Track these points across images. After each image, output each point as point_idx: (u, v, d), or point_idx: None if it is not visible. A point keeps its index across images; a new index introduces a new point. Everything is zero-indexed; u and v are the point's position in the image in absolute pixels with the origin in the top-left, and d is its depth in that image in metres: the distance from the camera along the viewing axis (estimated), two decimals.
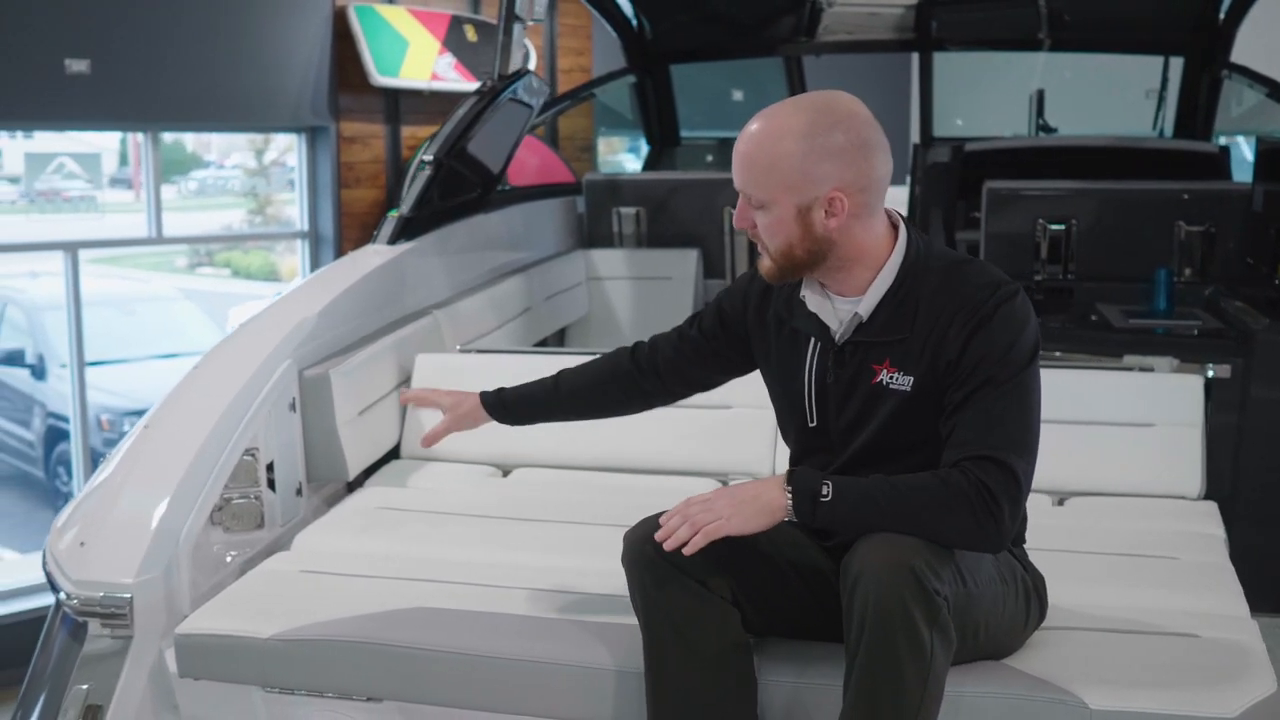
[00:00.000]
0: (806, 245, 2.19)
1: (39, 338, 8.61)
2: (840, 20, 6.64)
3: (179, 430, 2.91)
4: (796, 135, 2.14)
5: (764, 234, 2.23)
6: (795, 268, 2.24)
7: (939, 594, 2.03)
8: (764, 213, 2.20)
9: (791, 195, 2.16)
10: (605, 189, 5.93)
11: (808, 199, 2.16)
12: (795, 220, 2.17)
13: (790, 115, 2.17)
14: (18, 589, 6.95)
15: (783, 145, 2.15)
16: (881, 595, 2.00)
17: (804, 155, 2.14)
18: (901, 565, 2.00)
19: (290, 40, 7.32)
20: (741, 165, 2.20)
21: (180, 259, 10.23)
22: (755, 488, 2.16)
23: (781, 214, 2.18)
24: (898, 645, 1.99)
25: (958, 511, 2.08)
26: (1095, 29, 6.45)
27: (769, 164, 2.16)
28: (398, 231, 4.08)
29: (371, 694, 2.48)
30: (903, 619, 1.99)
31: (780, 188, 2.16)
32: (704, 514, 2.13)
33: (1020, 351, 2.17)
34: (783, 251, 2.22)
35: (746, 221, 2.24)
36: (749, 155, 2.19)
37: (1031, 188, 5.25)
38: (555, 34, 9.02)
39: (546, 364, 3.76)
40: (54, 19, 6.35)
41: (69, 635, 2.68)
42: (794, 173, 2.15)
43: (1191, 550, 2.88)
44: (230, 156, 9.16)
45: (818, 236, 2.18)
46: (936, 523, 2.08)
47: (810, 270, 2.25)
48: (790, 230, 2.19)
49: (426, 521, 3.15)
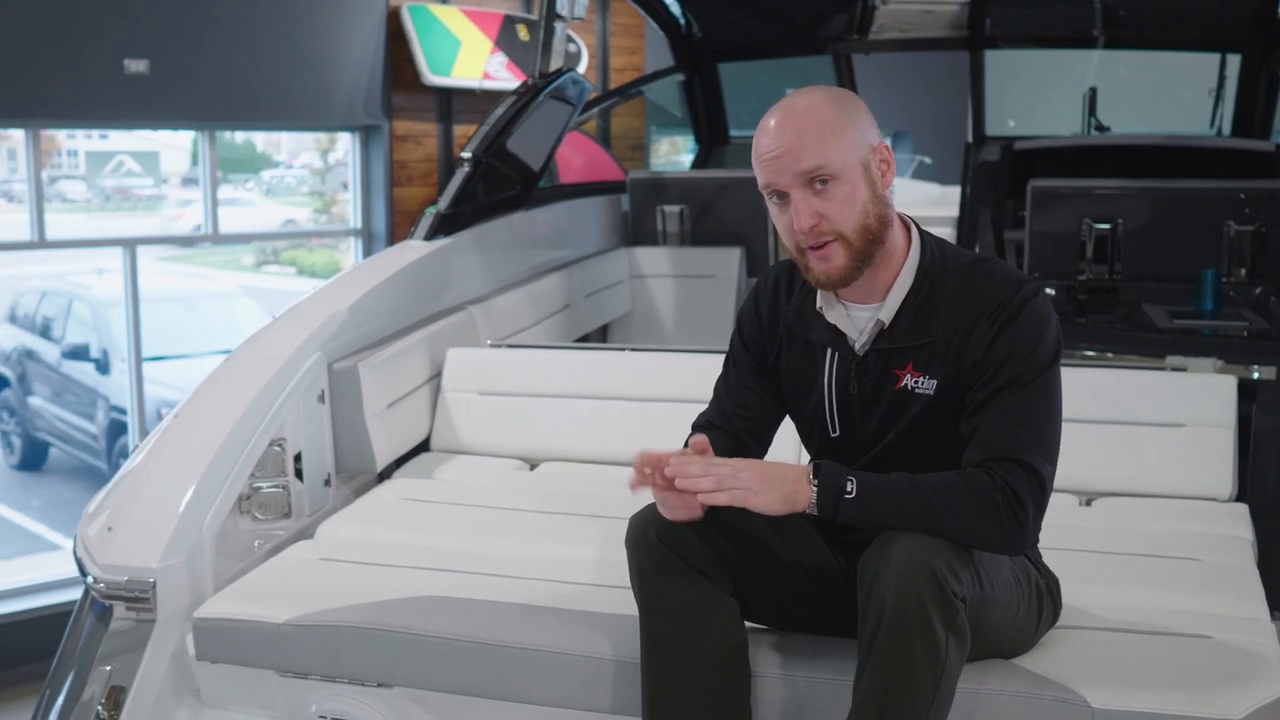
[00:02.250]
0: (876, 210, 2.16)
1: (103, 333, 8.79)
2: (894, 18, 6.59)
3: (207, 420, 2.97)
4: (825, 104, 2.15)
5: (839, 213, 2.14)
6: (871, 245, 2.17)
7: (957, 595, 2.01)
8: (836, 185, 2.13)
9: (854, 152, 2.13)
10: (650, 187, 5.95)
11: (864, 153, 2.15)
12: (864, 181, 2.14)
13: (806, 95, 2.17)
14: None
15: (824, 112, 2.14)
16: (900, 594, 1.98)
17: (845, 114, 2.15)
18: (921, 565, 1.99)
19: (345, 40, 7.42)
20: (798, 144, 2.12)
21: (247, 257, 10.40)
22: (781, 471, 2.10)
23: (852, 178, 2.13)
24: (913, 645, 1.98)
25: (982, 513, 2.06)
26: (1150, 26, 6.34)
27: (823, 130, 2.12)
28: (435, 227, 4.12)
29: (382, 680, 2.52)
30: (919, 619, 1.98)
31: (844, 147, 2.12)
32: (731, 479, 2.07)
33: (1045, 351, 2.15)
34: (860, 226, 2.15)
35: (813, 215, 2.14)
36: (804, 130, 2.13)
37: (1077, 186, 5.17)
38: (608, 33, 9.05)
39: (576, 359, 3.81)
40: (114, 20, 6.49)
41: (96, 618, 2.75)
42: (847, 130, 2.13)
43: (1216, 552, 2.84)
44: (299, 156, 9.30)
45: (880, 196, 2.17)
46: (959, 523, 2.06)
47: (875, 254, 2.18)
48: (863, 195, 2.14)
49: (449, 513, 3.18)
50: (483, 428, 3.68)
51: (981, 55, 6.50)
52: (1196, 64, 6.53)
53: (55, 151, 8.13)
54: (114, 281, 7.37)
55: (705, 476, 2.06)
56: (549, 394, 3.68)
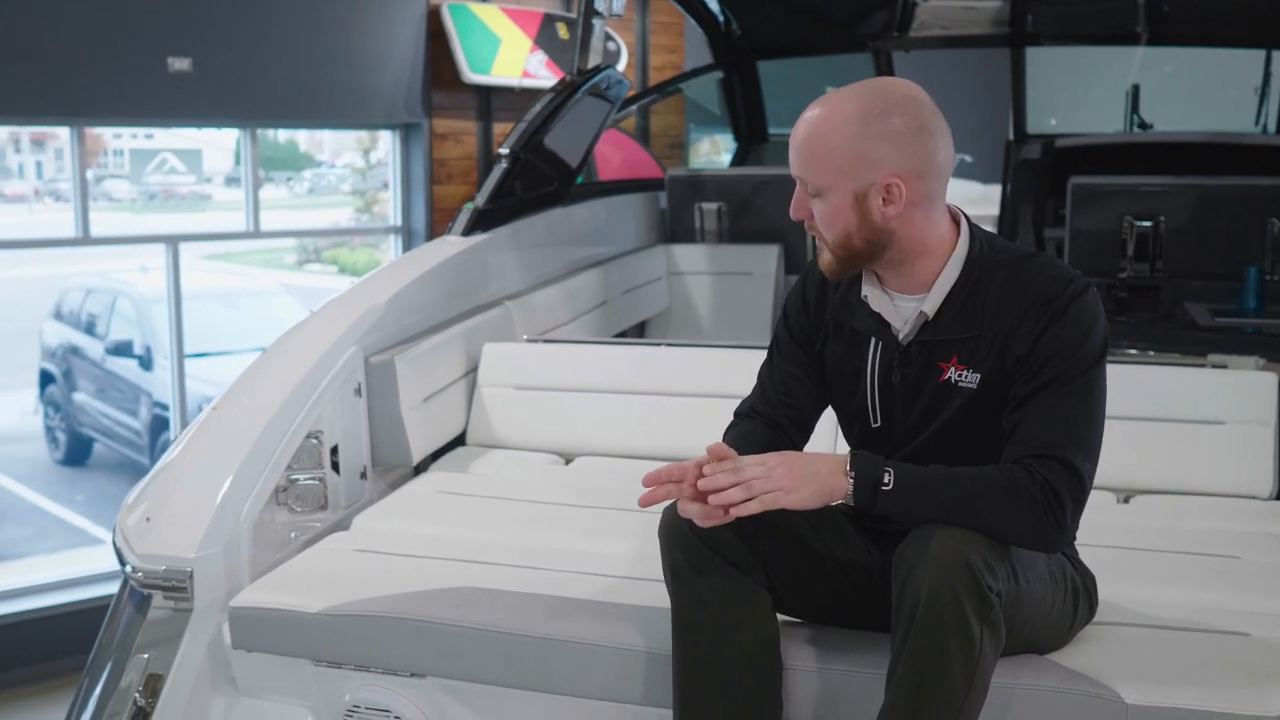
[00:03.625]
0: (864, 235, 2.15)
1: (146, 330, 8.89)
2: (935, 15, 6.56)
3: (244, 413, 2.99)
4: (852, 119, 2.11)
5: (821, 223, 2.18)
6: (854, 259, 2.19)
7: (993, 590, 2.00)
8: (821, 200, 2.15)
9: (847, 181, 2.12)
10: (687, 184, 5.95)
11: (864, 185, 2.12)
12: (852, 208, 2.13)
13: (846, 100, 2.13)
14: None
15: (838, 129, 2.11)
16: (935, 588, 1.97)
17: (859, 139, 2.10)
18: (958, 559, 1.98)
19: (385, 38, 7.46)
20: (797, 151, 2.17)
21: (289, 256, 10.49)
22: (815, 463, 2.09)
23: (838, 201, 2.13)
24: (947, 639, 1.97)
25: (1020, 509, 2.05)
26: (1195, 22, 6.27)
27: (825, 149, 2.12)
28: (472, 223, 4.14)
29: (415, 670, 2.53)
30: (955, 613, 1.97)
31: (835, 173, 2.12)
32: (763, 481, 2.06)
33: (1092, 348, 2.13)
34: (840, 242, 2.17)
35: (804, 211, 2.20)
36: (804, 140, 2.15)
37: (1118, 183, 5.13)
38: (647, 31, 9.06)
39: (612, 354, 3.81)
40: (157, 18, 6.55)
41: (134, 607, 2.78)
42: (849, 157, 2.11)
43: (1255, 550, 2.81)
44: (341, 155, 9.36)
45: (876, 225, 2.14)
46: (997, 518, 2.05)
47: (870, 262, 2.20)
48: (847, 219, 2.14)
49: (483, 505, 3.20)
50: (518, 422, 3.69)
51: (1023, 52, 6.46)
52: (1241, 60, 6.46)
53: (102, 151, 8.23)
54: (158, 279, 7.44)
55: (737, 485, 2.05)
56: (585, 389, 3.69)
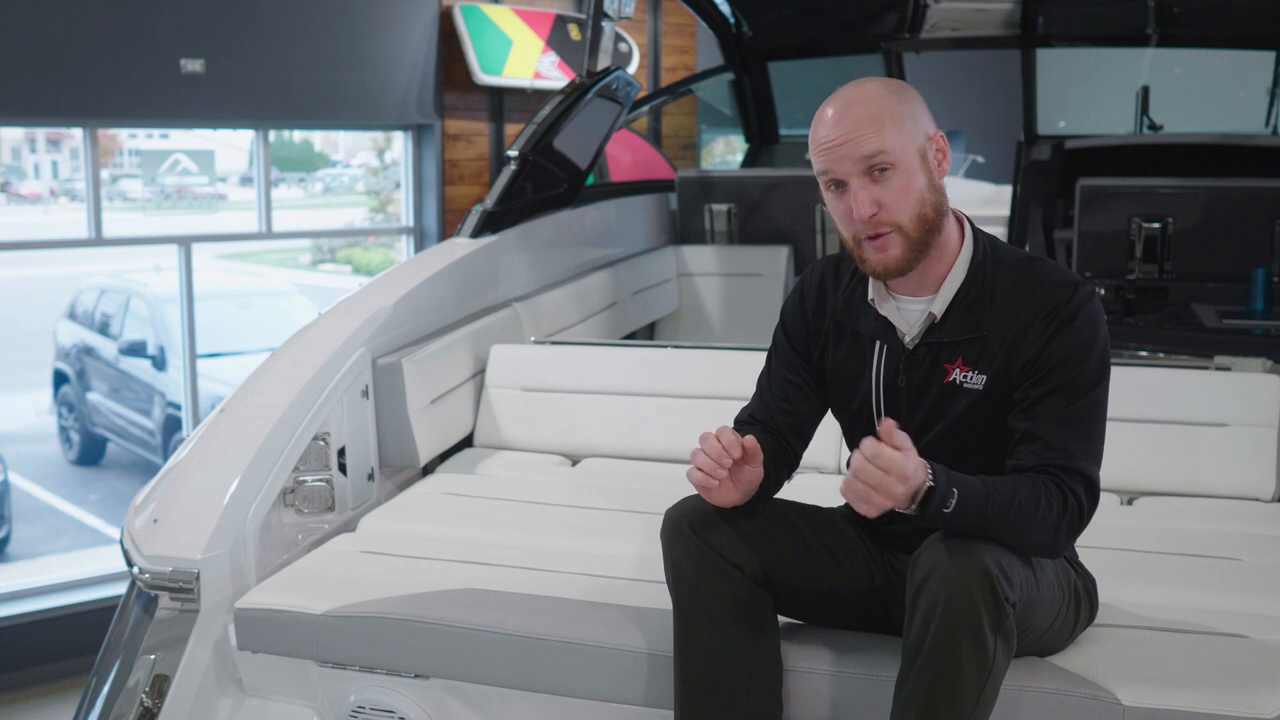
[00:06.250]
0: (933, 199, 2.16)
1: (160, 330, 8.92)
2: (946, 16, 6.55)
3: (251, 415, 3.01)
4: (880, 93, 2.16)
5: (896, 201, 2.14)
6: (927, 235, 2.17)
7: (1009, 600, 2.01)
8: (894, 173, 2.13)
9: (911, 140, 2.14)
10: (697, 186, 5.95)
11: (921, 141, 2.15)
12: (921, 170, 2.15)
13: (860, 85, 2.19)
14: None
15: (877, 101, 2.15)
16: (952, 596, 1.98)
17: (899, 104, 2.15)
18: (976, 569, 1.98)
19: (397, 40, 7.49)
20: (859, 131, 2.13)
21: (304, 255, 10.51)
22: (904, 471, 1.98)
23: (910, 166, 2.14)
24: (961, 647, 1.98)
25: (1055, 528, 2.09)
26: (1205, 24, 6.26)
27: (879, 118, 2.13)
28: (480, 225, 4.15)
29: (420, 671, 2.55)
30: (970, 622, 1.97)
31: (903, 136, 2.13)
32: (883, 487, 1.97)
33: (1100, 354, 2.15)
34: (917, 215, 2.15)
35: (871, 205, 2.14)
36: (863, 119, 2.13)
37: (1126, 185, 5.13)
38: (659, 32, 9.07)
39: (619, 356, 3.82)
40: (170, 20, 6.60)
41: (141, 608, 2.80)
42: (903, 117, 2.14)
43: (1257, 553, 2.81)
44: (356, 156, 9.39)
45: (936, 186, 2.17)
46: (1031, 535, 2.08)
47: (929, 247, 2.18)
48: (920, 184, 2.15)
49: (490, 507, 3.21)
50: (526, 424, 3.70)
51: (1033, 54, 6.45)
52: (1251, 62, 6.44)
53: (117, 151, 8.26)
54: (171, 279, 7.48)
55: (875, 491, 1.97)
56: (592, 390, 3.70)
